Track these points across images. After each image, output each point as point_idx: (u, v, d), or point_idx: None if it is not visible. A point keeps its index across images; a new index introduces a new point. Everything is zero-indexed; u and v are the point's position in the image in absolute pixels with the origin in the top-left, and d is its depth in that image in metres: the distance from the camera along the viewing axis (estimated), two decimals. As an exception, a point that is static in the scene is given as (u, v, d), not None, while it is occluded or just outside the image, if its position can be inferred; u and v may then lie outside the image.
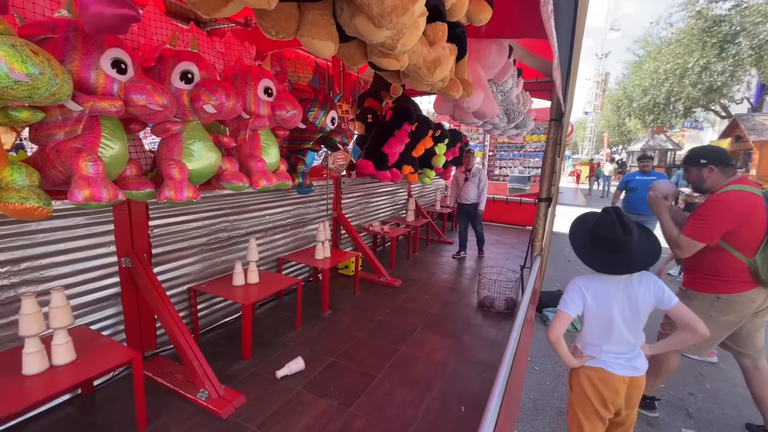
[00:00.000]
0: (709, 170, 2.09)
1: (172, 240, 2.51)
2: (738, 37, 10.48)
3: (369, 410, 2.05)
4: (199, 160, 2.08)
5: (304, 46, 1.63)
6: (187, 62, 1.94)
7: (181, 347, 2.09)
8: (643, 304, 1.44)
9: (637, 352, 1.48)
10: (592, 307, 1.46)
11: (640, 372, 1.47)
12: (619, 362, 1.46)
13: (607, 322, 1.45)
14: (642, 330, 1.49)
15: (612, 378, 1.46)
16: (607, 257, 1.41)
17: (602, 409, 1.48)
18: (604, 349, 1.48)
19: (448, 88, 2.66)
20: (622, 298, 1.44)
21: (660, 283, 1.47)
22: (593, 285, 1.48)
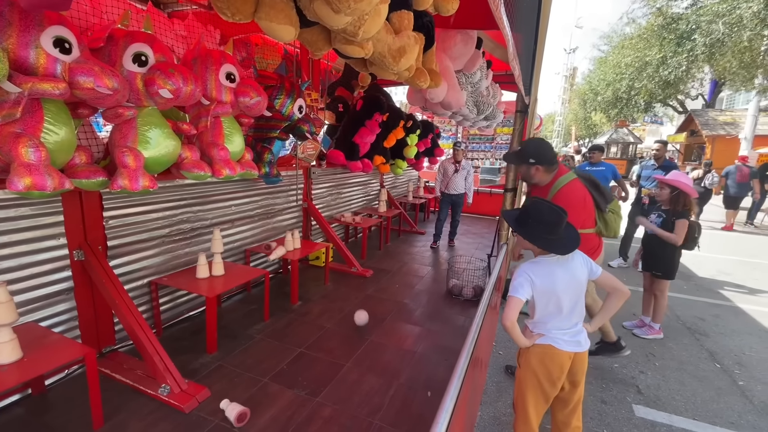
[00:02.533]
0: (535, 169, 2.36)
1: (130, 232, 2.41)
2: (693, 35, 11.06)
3: (336, 399, 2.06)
4: (156, 147, 2.00)
5: (263, 29, 1.58)
6: (141, 44, 1.84)
7: (141, 342, 2.02)
8: (582, 278, 1.58)
9: (580, 328, 1.59)
10: (539, 288, 1.55)
11: (583, 347, 1.57)
12: (564, 338, 1.55)
13: (553, 300, 1.55)
14: (583, 305, 1.61)
15: (558, 354, 1.55)
16: (554, 239, 1.51)
17: (548, 384, 1.56)
18: (551, 326, 1.57)
19: (415, 78, 2.66)
20: (564, 275, 1.56)
21: (587, 257, 1.65)
22: (537, 268, 1.58)
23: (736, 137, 14.87)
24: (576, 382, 1.59)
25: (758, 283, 4.67)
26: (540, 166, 2.35)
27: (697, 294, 4.26)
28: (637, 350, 2.92)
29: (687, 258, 5.59)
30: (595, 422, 2.11)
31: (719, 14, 9.70)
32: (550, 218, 1.51)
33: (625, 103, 16.60)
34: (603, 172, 5.32)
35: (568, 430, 1.64)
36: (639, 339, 3.10)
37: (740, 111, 16.52)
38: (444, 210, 5.46)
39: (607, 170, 5.35)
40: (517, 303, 1.56)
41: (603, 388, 2.43)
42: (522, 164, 2.44)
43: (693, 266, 5.34)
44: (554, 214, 1.52)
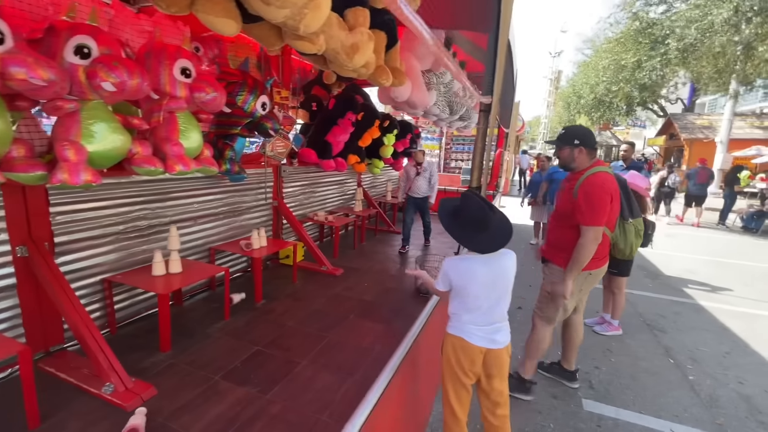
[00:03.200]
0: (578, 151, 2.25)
1: (80, 228, 2.36)
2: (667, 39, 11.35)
3: (287, 396, 2.05)
4: (101, 141, 1.96)
5: (202, 23, 1.57)
6: (83, 36, 1.80)
7: (85, 340, 1.98)
8: (510, 277, 1.58)
9: (498, 326, 1.58)
10: (456, 284, 1.57)
11: (498, 345, 1.57)
12: (478, 334, 1.56)
13: (470, 298, 1.55)
14: (508, 305, 1.61)
15: (470, 347, 1.57)
16: (481, 237, 1.49)
17: (461, 374, 1.60)
18: (466, 320, 1.59)
19: (376, 76, 2.66)
20: (486, 274, 1.54)
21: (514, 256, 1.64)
22: (458, 265, 1.58)
23: (713, 140, 15.30)
24: (491, 375, 1.60)
25: (721, 281, 4.81)
26: (584, 148, 2.22)
27: (661, 292, 4.36)
28: (595, 346, 2.98)
29: (656, 257, 5.73)
30: (543, 416, 2.15)
31: (692, 20, 9.97)
32: (478, 214, 1.49)
33: (607, 106, 16.95)
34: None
35: (492, 420, 1.66)
36: (598, 335, 3.16)
37: (717, 115, 17.00)
38: (410, 214, 5.27)
39: (579, 171, 5.46)
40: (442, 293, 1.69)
41: (556, 383, 2.47)
42: (565, 146, 2.28)
43: (661, 265, 5.46)
44: (482, 210, 1.50)
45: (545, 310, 2.31)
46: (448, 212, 1.59)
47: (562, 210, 2.27)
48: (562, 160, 2.33)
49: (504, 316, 1.60)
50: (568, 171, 2.36)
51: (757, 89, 13.82)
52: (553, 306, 2.26)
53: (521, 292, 4.11)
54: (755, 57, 10.08)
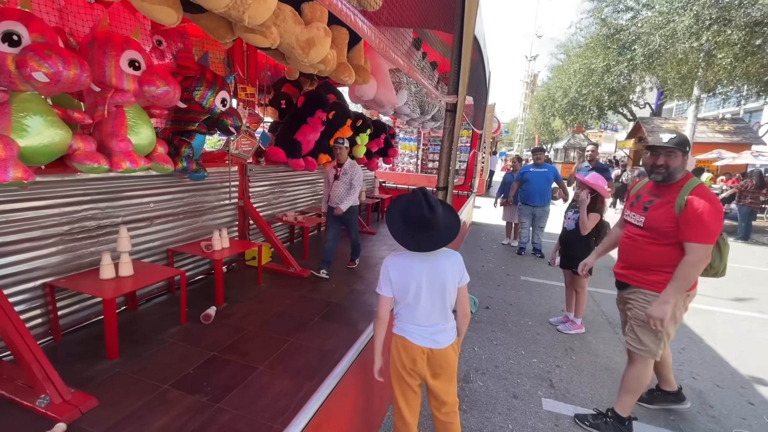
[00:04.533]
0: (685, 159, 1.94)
1: (18, 228, 2.20)
2: (634, 45, 11.75)
3: (239, 404, 1.97)
4: (36, 136, 1.83)
5: (139, 11, 1.48)
6: (11, 22, 1.68)
7: (17, 349, 1.84)
8: (449, 279, 1.50)
9: (441, 327, 1.54)
10: (396, 282, 1.52)
11: (440, 345, 1.53)
12: (419, 333, 1.53)
13: (409, 295, 1.51)
14: (450, 301, 1.53)
15: (412, 347, 1.54)
16: (416, 235, 1.46)
17: (405, 373, 1.57)
18: (407, 319, 1.56)
19: (338, 73, 2.61)
20: (424, 272, 1.50)
21: (461, 262, 1.55)
22: (397, 261, 1.54)
23: (677, 144, 15.91)
24: (436, 375, 1.56)
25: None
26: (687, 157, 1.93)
27: (625, 290, 4.47)
28: (558, 345, 3.01)
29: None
30: (503, 417, 2.14)
31: (656, 26, 10.35)
32: (418, 212, 1.42)
33: (580, 109, 17.41)
34: (545, 174, 5.51)
35: (440, 418, 1.62)
36: (562, 334, 3.19)
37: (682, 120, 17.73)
38: (331, 229, 4.08)
39: (549, 172, 5.55)
40: (385, 302, 1.56)
41: (517, 383, 2.47)
42: (679, 151, 1.90)
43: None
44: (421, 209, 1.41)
45: (645, 343, 1.99)
46: (394, 208, 1.55)
47: (659, 227, 1.92)
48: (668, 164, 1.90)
49: (447, 317, 1.55)
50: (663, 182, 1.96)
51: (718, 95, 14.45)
52: (652, 336, 1.97)
53: (489, 292, 4.13)
54: (715, 64, 10.56)
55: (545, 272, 4.93)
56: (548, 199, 5.52)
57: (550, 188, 5.52)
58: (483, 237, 6.87)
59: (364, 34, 1.22)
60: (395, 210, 1.53)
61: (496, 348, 2.95)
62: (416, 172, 12.79)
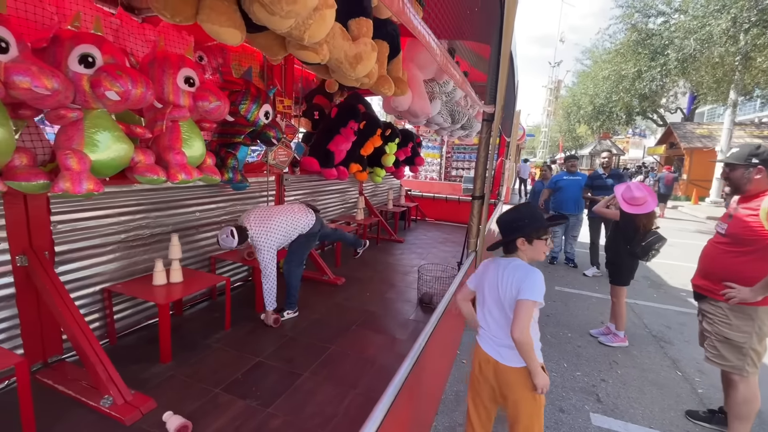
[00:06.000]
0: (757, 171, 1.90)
1: (81, 237, 2.34)
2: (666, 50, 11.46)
3: (288, 410, 2.01)
4: (104, 150, 1.95)
5: (207, 32, 1.57)
6: (87, 45, 1.81)
7: (84, 351, 1.94)
8: (505, 290, 1.46)
9: (506, 341, 1.48)
10: (477, 285, 1.61)
11: (502, 359, 1.48)
12: (486, 339, 1.56)
13: (482, 300, 1.58)
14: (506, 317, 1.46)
15: (479, 351, 1.58)
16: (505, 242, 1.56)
17: (474, 378, 1.62)
18: (479, 320, 1.60)
19: (379, 85, 2.67)
20: (491, 278, 1.53)
21: (525, 276, 1.44)
22: (484, 266, 1.61)
23: (712, 149, 15.33)
24: (504, 395, 1.51)
25: (727, 292, 4.76)
26: (764, 167, 1.87)
27: (666, 302, 4.32)
28: (601, 358, 2.93)
29: (659, 266, 5.69)
30: (550, 431, 2.10)
31: (691, 31, 10.07)
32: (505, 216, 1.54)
33: (607, 115, 17.03)
34: (579, 182, 5.43)
35: None
36: (604, 347, 3.11)
37: (717, 125, 17.07)
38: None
39: (583, 179, 5.46)
40: (465, 288, 1.68)
41: (563, 396, 2.42)
42: (739, 166, 1.90)
43: (665, 275, 5.42)
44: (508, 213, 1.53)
45: (727, 358, 1.93)
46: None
47: (742, 233, 1.89)
48: (734, 181, 1.93)
49: (506, 329, 1.45)
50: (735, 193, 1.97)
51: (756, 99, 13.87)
52: (736, 352, 1.90)
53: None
54: (753, 67, 10.16)
55: (580, 282, 4.82)
56: (582, 207, 5.42)
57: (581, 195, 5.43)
58: (512, 246, 6.77)
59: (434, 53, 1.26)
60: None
61: (536, 360, 2.89)
62: (439, 179, 12.79)
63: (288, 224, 2.91)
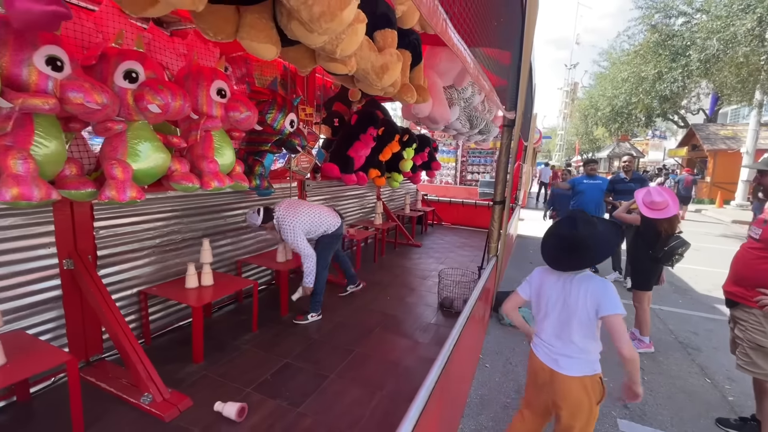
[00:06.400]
0: None
1: (120, 242, 2.46)
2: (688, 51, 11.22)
3: (317, 409, 2.06)
4: (145, 160, 2.06)
5: (245, 48, 1.66)
6: (132, 61, 1.92)
7: (125, 351, 2.04)
8: (578, 304, 1.44)
9: (564, 350, 1.49)
10: (532, 293, 1.63)
11: (561, 369, 1.48)
12: (543, 348, 1.57)
13: (539, 309, 1.59)
14: (581, 330, 1.45)
15: (534, 359, 1.59)
16: (554, 252, 1.53)
17: (531, 381, 1.64)
18: (537, 332, 1.63)
19: (402, 93, 2.73)
20: (557, 291, 1.52)
21: (602, 290, 1.42)
22: (539, 275, 1.63)
23: (737, 151, 14.88)
24: (557, 405, 1.51)
25: (756, 298, 4.63)
26: None
27: (692, 308, 4.23)
28: (627, 364, 2.90)
29: (683, 272, 5.56)
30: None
31: (714, 31, 9.84)
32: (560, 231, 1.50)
33: (626, 117, 16.72)
34: (600, 185, 5.37)
35: None
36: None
37: (742, 125, 16.56)
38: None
39: (603, 183, 5.40)
40: (515, 296, 1.69)
41: (588, 401, 2.41)
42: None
43: (689, 280, 5.30)
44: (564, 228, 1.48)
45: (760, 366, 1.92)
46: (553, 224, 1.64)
47: None
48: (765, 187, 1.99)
49: (573, 344, 1.47)
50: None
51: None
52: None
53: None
54: (780, 66, 9.87)
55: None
56: (603, 211, 5.35)
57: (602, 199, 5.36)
58: (531, 250, 6.72)
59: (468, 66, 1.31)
60: (552, 226, 1.64)
61: (560, 365, 2.88)
62: (455, 184, 12.76)
63: (314, 217, 3.07)
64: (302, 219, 2.97)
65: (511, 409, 2.34)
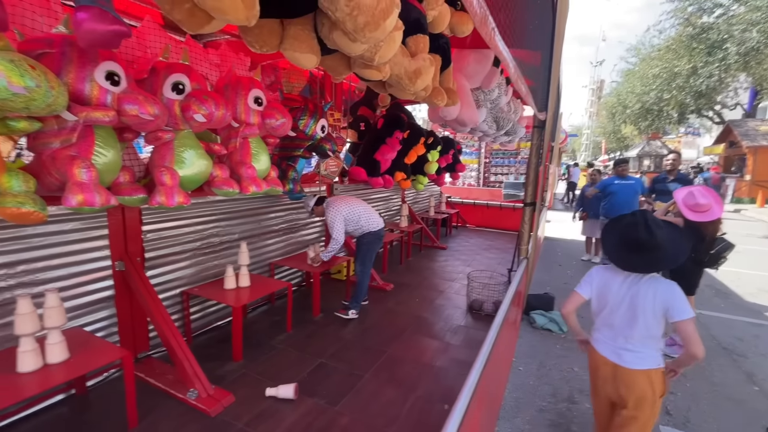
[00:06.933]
0: None
1: (165, 244, 2.59)
2: (725, 44, 10.71)
3: (354, 409, 2.11)
4: (190, 167, 2.17)
5: (287, 58, 1.73)
6: (179, 74, 2.03)
7: (172, 348, 2.15)
8: (647, 305, 1.50)
9: (630, 347, 1.54)
10: (596, 292, 1.67)
11: (625, 363, 1.54)
12: (605, 344, 1.63)
13: (602, 307, 1.64)
14: (647, 329, 1.51)
15: (595, 354, 1.65)
16: (626, 255, 1.55)
17: (593, 377, 1.71)
18: (597, 328, 1.69)
19: (432, 97, 2.76)
20: (623, 291, 1.58)
21: (671, 294, 1.49)
22: (602, 273, 1.67)
23: (779, 147, 14.07)
24: (622, 398, 1.58)
25: (805, 303, 4.37)
26: None
27: (735, 313, 4.04)
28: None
29: (724, 275, 5.31)
30: (619, 442, 2.05)
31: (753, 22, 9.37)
32: (627, 232, 1.53)
33: (656, 114, 16.10)
34: (633, 186, 5.21)
35: None
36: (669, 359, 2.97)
37: (784, 121, 15.64)
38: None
39: (636, 184, 5.24)
40: (576, 297, 1.71)
41: (628, 407, 2.35)
42: None
43: (731, 284, 5.06)
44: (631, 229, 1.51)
45: None
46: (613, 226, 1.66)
47: None
48: None
49: (637, 340, 1.54)
50: None
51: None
52: None
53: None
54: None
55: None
56: (636, 212, 5.19)
57: (637, 201, 5.19)
58: (559, 253, 6.59)
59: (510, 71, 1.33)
60: (614, 228, 1.65)
61: (595, 369, 2.83)
62: (478, 186, 12.63)
63: (361, 212, 3.34)
64: (347, 208, 3.29)
65: (546, 413, 2.32)
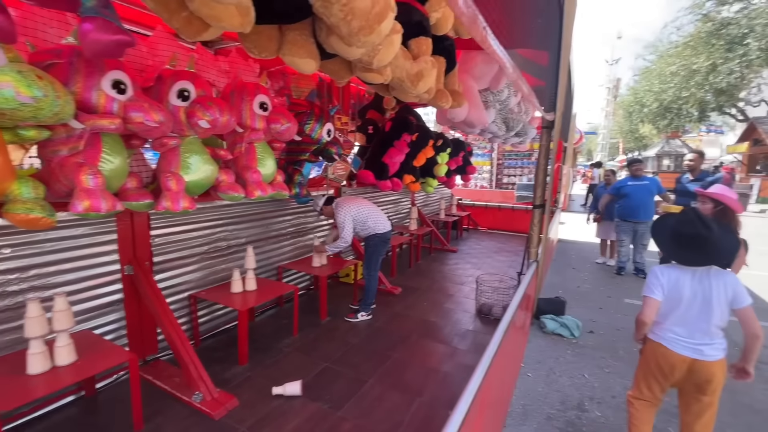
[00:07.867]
0: None
1: (173, 249, 2.63)
2: (746, 39, 10.34)
3: (358, 414, 2.09)
4: (196, 172, 2.21)
5: (287, 64, 1.74)
6: (184, 81, 2.07)
7: (179, 352, 2.18)
8: (721, 297, 1.58)
9: (708, 340, 1.61)
10: (666, 291, 1.68)
11: (705, 357, 1.60)
12: (679, 342, 1.64)
13: (674, 306, 1.65)
14: (721, 319, 1.60)
15: (669, 354, 1.67)
16: (685, 252, 1.62)
17: (659, 375, 1.73)
18: (668, 327, 1.68)
19: (437, 99, 2.74)
20: (695, 286, 1.62)
21: (737, 283, 1.60)
22: (667, 273, 1.69)
23: (808, 145, 13.52)
24: (701, 389, 1.65)
25: (835, 308, 4.16)
26: None
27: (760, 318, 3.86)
28: (684, 377, 2.71)
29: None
30: (630, 452, 1.98)
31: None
32: (684, 229, 1.61)
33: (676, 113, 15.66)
34: (647, 186, 5.06)
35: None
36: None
37: (813, 117, 15.02)
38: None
39: (652, 184, 5.08)
40: (651, 302, 1.69)
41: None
42: None
43: (755, 287, 4.85)
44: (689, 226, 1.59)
45: None
46: (664, 224, 1.74)
47: None
48: None
49: (713, 332, 1.62)
50: None
51: None
52: None
53: (591, 315, 3.85)
54: None
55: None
56: (652, 213, 5.04)
57: (653, 202, 5.04)
58: (573, 255, 6.45)
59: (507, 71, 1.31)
60: (666, 226, 1.72)
61: (608, 376, 2.74)
62: (490, 188, 12.49)
63: (368, 213, 3.34)
64: (356, 209, 3.31)
65: (555, 421, 2.26)
